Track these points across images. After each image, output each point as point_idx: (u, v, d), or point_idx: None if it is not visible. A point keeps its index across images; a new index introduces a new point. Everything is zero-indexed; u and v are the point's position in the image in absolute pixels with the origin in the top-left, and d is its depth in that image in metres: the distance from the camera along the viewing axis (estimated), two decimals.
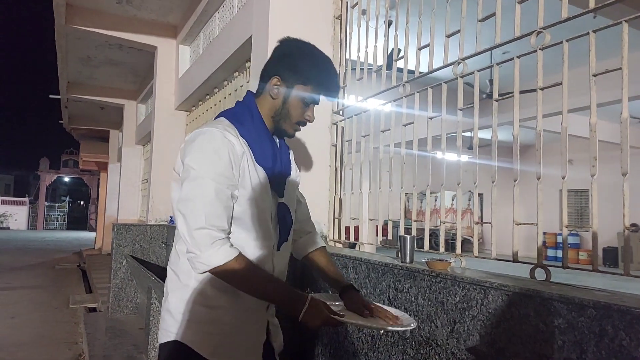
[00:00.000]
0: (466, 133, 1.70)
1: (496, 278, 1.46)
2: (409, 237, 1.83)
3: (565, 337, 1.19)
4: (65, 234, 28.75)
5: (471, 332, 1.47)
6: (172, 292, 1.37)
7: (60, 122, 12.52)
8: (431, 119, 1.99)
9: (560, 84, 1.44)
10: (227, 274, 1.25)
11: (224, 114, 1.45)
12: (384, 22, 2.83)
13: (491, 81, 8.64)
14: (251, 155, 1.36)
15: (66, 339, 5.21)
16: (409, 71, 2.19)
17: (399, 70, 2.27)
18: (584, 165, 1.43)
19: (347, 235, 2.64)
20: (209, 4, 4.83)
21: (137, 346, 4.28)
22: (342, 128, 2.69)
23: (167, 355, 1.35)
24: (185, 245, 1.25)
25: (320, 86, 1.43)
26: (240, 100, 1.50)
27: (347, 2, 2.74)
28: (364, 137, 2.48)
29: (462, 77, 1.81)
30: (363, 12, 2.57)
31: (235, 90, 4.47)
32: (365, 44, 2.54)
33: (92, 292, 7.72)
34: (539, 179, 1.52)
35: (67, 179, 42.89)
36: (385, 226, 2.38)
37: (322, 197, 2.69)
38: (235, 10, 4.34)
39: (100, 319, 5.54)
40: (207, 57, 4.99)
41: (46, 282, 9.17)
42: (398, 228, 3.81)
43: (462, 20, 1.83)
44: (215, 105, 5.12)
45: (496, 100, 1.69)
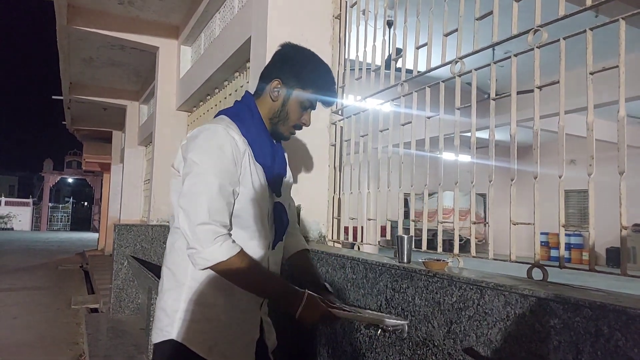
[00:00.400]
0: (467, 133, 1.69)
1: (492, 278, 1.45)
2: (406, 237, 1.82)
3: (561, 337, 1.18)
4: (69, 235, 28.86)
5: (467, 332, 1.46)
6: (168, 291, 1.36)
7: (63, 123, 12.58)
8: (429, 118, 1.98)
9: (558, 82, 1.43)
10: (228, 270, 1.25)
11: (224, 112, 1.46)
12: (385, 22, 2.82)
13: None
14: (251, 153, 1.37)
15: (67, 339, 5.23)
16: (408, 71, 2.18)
17: (398, 70, 2.27)
18: (586, 165, 1.41)
19: (348, 236, 2.62)
20: (209, 4, 4.84)
21: (137, 346, 4.29)
22: (341, 128, 2.68)
23: (162, 355, 1.35)
24: (186, 240, 1.25)
25: (319, 92, 1.46)
26: (238, 100, 1.51)
27: (346, 2, 2.73)
28: (362, 136, 2.48)
29: (459, 76, 1.81)
30: (363, 12, 2.56)
31: (236, 91, 4.47)
32: (364, 43, 2.53)
33: (95, 292, 7.74)
34: (535, 178, 1.51)
35: (70, 180, 43.06)
36: (391, 228, 2.36)
37: (321, 197, 2.68)
38: (236, 10, 4.34)
39: (101, 319, 5.55)
40: (208, 57, 4.99)
41: (49, 283, 9.20)
42: (408, 228, 3.80)
43: (459, 19, 1.82)
44: (216, 105, 5.12)
45: (493, 100, 1.68)
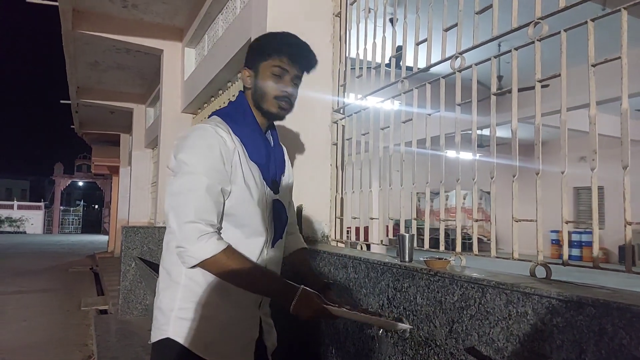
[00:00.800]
0: (467, 131, 1.66)
1: (494, 276, 1.42)
2: (407, 235, 1.79)
3: (564, 336, 1.15)
4: (80, 238, 29.12)
5: (469, 331, 1.43)
6: (164, 291, 1.36)
7: (71, 127, 12.68)
8: (429, 115, 1.96)
9: (559, 75, 1.40)
10: (216, 266, 1.25)
11: (217, 113, 1.46)
12: (388, 20, 2.79)
13: (500, 77, 8.53)
14: (244, 151, 1.36)
15: (77, 341, 5.26)
16: (409, 68, 2.15)
17: (399, 67, 2.24)
18: (599, 162, 1.37)
19: (357, 236, 2.59)
20: (212, 6, 4.84)
21: (145, 348, 4.30)
22: (342, 126, 2.66)
23: (159, 353, 1.35)
24: (175, 239, 1.25)
25: (282, 53, 1.40)
26: (232, 100, 1.51)
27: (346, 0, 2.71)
28: (363, 135, 2.45)
29: (459, 72, 1.78)
30: (369, 11, 2.53)
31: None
32: (364, 41, 2.51)
33: (104, 294, 7.79)
34: (537, 174, 1.48)
35: (81, 184, 43.48)
36: (396, 226, 2.33)
37: (323, 197, 2.67)
38: (238, 10, 4.33)
39: (110, 320, 5.57)
40: (211, 59, 4.99)
41: (59, 285, 9.28)
42: (409, 227, 3.75)
43: (459, 13, 1.80)
44: (220, 107, 5.12)
45: (494, 95, 1.65)
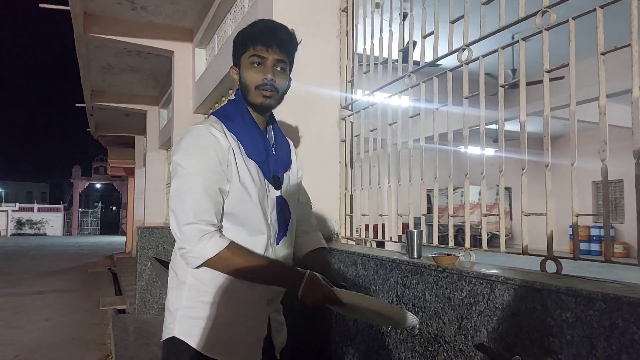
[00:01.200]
0: (488, 125, 1.62)
1: (502, 271, 1.39)
2: (415, 231, 1.77)
3: (574, 331, 1.12)
4: (99, 239, 29.58)
5: (478, 328, 1.41)
6: (171, 290, 1.38)
7: (87, 130, 12.87)
8: (437, 109, 1.93)
9: (567, 65, 1.36)
10: (221, 264, 1.25)
11: (214, 112, 1.46)
12: (399, 15, 2.76)
13: (514, 71, 8.42)
14: (241, 149, 1.35)
15: (95, 340, 5.34)
16: (415, 62, 2.13)
17: (407, 62, 2.21)
18: (617, 155, 1.33)
19: (375, 234, 2.55)
20: (220, 5, 4.86)
21: (161, 347, 4.34)
22: (351, 123, 2.64)
23: (167, 352, 1.36)
24: (177, 241, 1.25)
25: (255, 41, 1.37)
26: (231, 99, 1.51)
27: None
28: (371, 131, 2.43)
29: (467, 64, 1.75)
30: (377, 6, 2.51)
31: None
32: (371, 36, 2.49)
33: (122, 294, 7.90)
34: (547, 167, 1.44)
35: (98, 185, 44.16)
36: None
37: (332, 194, 2.65)
38: (246, 9, 4.34)
39: (127, 320, 5.64)
40: (221, 58, 5.01)
41: (79, 286, 9.44)
42: (419, 224, 3.71)
43: (465, 4, 1.76)
44: None
45: (502, 87, 1.62)
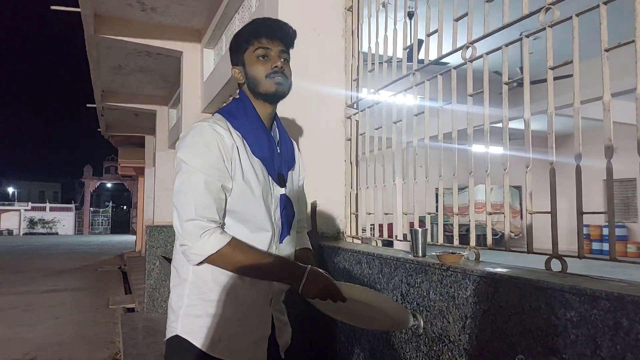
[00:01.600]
0: (497, 124, 1.61)
1: (506, 270, 1.38)
2: (420, 230, 1.77)
3: (578, 330, 1.11)
4: (109, 238, 29.86)
5: (483, 327, 1.40)
6: (173, 288, 1.38)
7: (98, 130, 13.00)
8: (442, 107, 1.92)
9: (571, 62, 1.35)
10: (222, 260, 1.26)
11: (220, 111, 1.46)
12: (399, 12, 2.75)
13: (522, 69, 8.35)
14: (245, 147, 1.36)
15: (104, 338, 5.38)
16: (421, 60, 2.12)
17: (412, 60, 2.20)
18: (629, 153, 1.32)
19: (389, 233, 2.54)
20: (228, 6, 4.88)
21: None
22: (356, 122, 2.64)
23: (170, 351, 1.36)
24: (178, 237, 1.26)
25: (258, 34, 1.41)
26: (236, 97, 1.51)
27: None
28: (376, 129, 2.43)
29: (470, 62, 1.74)
30: (383, 5, 2.50)
31: None
32: (376, 34, 2.48)
33: (131, 292, 7.96)
34: (551, 164, 1.43)
35: (109, 185, 44.60)
36: (422, 222, 2.28)
37: (337, 193, 2.65)
38: (254, 9, 4.36)
39: (136, 318, 5.69)
40: (229, 58, 5.02)
41: (89, 284, 9.54)
42: (436, 224, 3.69)
43: (469, 2, 1.75)
44: None
45: (506, 84, 1.61)
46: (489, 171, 1.67)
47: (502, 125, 1.62)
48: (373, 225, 2.55)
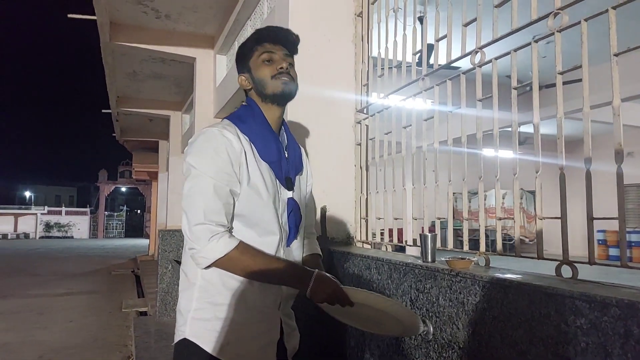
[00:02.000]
0: (508, 128, 1.60)
1: (516, 276, 1.37)
2: (430, 235, 1.76)
3: (588, 338, 1.10)
4: (123, 242, 30.18)
5: (492, 333, 1.39)
6: (182, 292, 1.39)
7: (113, 135, 13.18)
8: (451, 112, 1.92)
9: (580, 66, 1.34)
10: (230, 264, 1.27)
11: (228, 116, 1.48)
12: (410, 17, 2.75)
13: None
14: (253, 151, 1.37)
15: (117, 341, 5.44)
16: (431, 65, 2.12)
17: (420, 65, 2.20)
18: None
19: (399, 238, 2.53)
20: (241, 12, 4.92)
21: None
22: (366, 126, 2.64)
23: (178, 354, 1.37)
24: (187, 241, 1.28)
25: (261, 40, 1.45)
26: (244, 104, 1.53)
27: None
28: (386, 134, 2.43)
29: (479, 67, 1.73)
30: (394, 11, 2.51)
31: None
32: (386, 39, 2.49)
33: (144, 296, 8.03)
34: (561, 169, 1.42)
35: (124, 189, 45.14)
36: (432, 227, 2.26)
37: (347, 197, 2.65)
38: (265, 15, 4.39)
39: (148, 322, 5.74)
40: None
41: (102, 288, 9.65)
42: (446, 229, 3.64)
43: (478, 7, 1.75)
44: None
45: (514, 89, 1.60)
46: (499, 176, 1.66)
47: (511, 129, 1.61)
48: (383, 231, 2.54)
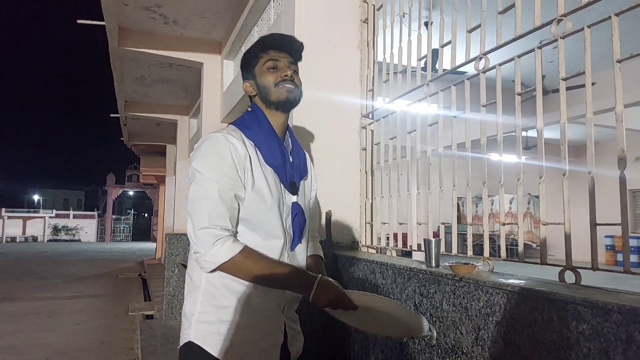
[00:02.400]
0: (512, 132, 1.61)
1: (519, 281, 1.37)
2: (433, 240, 1.77)
3: (590, 344, 1.10)
4: (130, 245, 30.32)
5: (495, 339, 1.39)
6: (187, 295, 1.41)
7: (121, 139, 13.28)
8: (455, 117, 1.93)
9: (583, 73, 1.34)
10: (234, 268, 1.28)
11: (234, 122, 1.50)
12: (414, 23, 2.77)
13: (542, 77, 8.26)
14: (258, 156, 1.39)
15: (124, 345, 5.46)
16: (436, 71, 2.13)
17: (425, 70, 2.22)
18: None
19: (404, 242, 2.53)
20: (247, 18, 4.96)
21: None
22: (371, 131, 2.66)
23: (183, 356, 1.38)
24: (192, 245, 1.29)
25: (266, 47, 1.47)
26: (249, 110, 1.55)
27: (373, 5, 2.72)
28: (391, 139, 2.44)
29: (483, 73, 1.74)
30: (403, 16, 2.52)
31: None
32: (391, 45, 2.50)
33: (151, 299, 8.07)
34: (564, 175, 1.42)
35: (131, 193, 45.40)
36: (438, 232, 2.29)
37: (352, 202, 2.66)
38: (272, 21, 4.43)
39: (155, 325, 5.76)
40: None
41: (110, 291, 9.70)
42: (450, 234, 3.64)
43: (482, 14, 1.76)
44: None
45: (518, 95, 1.61)
46: (503, 182, 1.67)
47: (515, 134, 1.61)
48: (388, 235, 2.55)
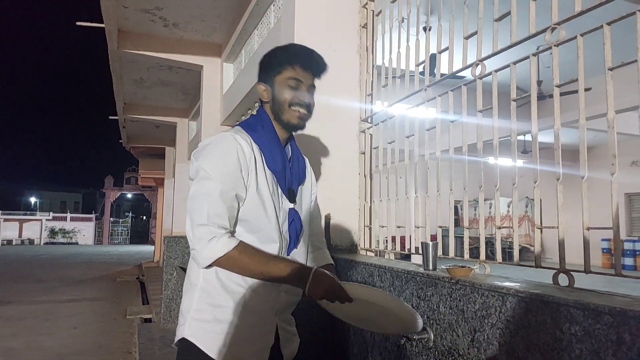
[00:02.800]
0: (508, 137, 1.63)
1: (514, 284, 1.40)
2: (431, 243, 1.79)
3: (582, 345, 1.12)
4: (128, 248, 30.24)
5: (491, 341, 1.41)
6: (184, 294, 1.43)
7: (120, 141, 13.30)
8: (452, 122, 1.96)
9: (576, 80, 1.37)
10: (230, 263, 1.30)
11: (239, 124, 1.53)
12: (413, 28, 2.81)
13: (539, 82, 8.30)
14: (262, 160, 1.41)
15: (121, 348, 5.46)
16: (436, 75, 2.16)
17: (422, 74, 2.25)
18: None
19: (402, 245, 2.54)
20: (247, 22, 5.00)
21: None
22: (370, 135, 2.68)
23: (178, 354, 1.40)
24: (189, 242, 1.32)
25: (294, 62, 1.45)
26: (254, 113, 1.57)
27: (372, 11, 2.75)
28: (390, 143, 2.47)
29: (480, 79, 1.77)
30: (402, 21, 2.56)
31: None
32: (390, 50, 2.54)
33: (149, 303, 8.06)
34: (558, 180, 1.45)
35: (129, 196, 45.31)
36: (435, 235, 2.28)
37: (351, 206, 2.69)
38: (272, 25, 4.46)
39: (153, 329, 5.76)
40: (248, 72, 5.15)
41: (107, 294, 9.68)
42: (447, 237, 3.67)
43: (479, 21, 1.80)
44: None
45: (514, 101, 1.64)
46: (498, 185, 1.69)
47: (510, 139, 1.64)
48: (387, 238, 2.58)
